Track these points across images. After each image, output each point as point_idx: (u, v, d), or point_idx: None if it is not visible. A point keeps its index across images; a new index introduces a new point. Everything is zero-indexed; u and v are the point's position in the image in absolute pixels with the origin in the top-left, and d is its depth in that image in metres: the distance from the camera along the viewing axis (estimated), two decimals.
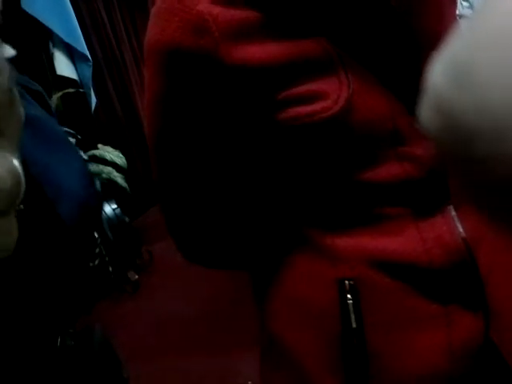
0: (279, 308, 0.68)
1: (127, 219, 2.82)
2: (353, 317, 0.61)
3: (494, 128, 0.21)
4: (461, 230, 0.64)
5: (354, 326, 0.60)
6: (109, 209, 2.77)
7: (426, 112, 0.25)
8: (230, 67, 0.58)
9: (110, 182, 2.93)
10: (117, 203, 2.98)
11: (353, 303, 0.61)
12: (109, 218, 2.71)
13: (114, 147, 3.19)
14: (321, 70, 0.59)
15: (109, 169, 2.96)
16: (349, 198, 0.63)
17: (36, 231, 0.76)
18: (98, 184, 2.76)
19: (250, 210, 0.70)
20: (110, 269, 2.79)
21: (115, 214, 2.74)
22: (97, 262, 2.44)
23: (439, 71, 0.24)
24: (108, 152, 3.04)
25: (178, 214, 0.69)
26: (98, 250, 2.48)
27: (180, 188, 0.67)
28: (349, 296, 0.61)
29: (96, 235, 2.51)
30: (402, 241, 0.62)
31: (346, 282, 0.61)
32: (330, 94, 0.58)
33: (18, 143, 0.26)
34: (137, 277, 3.16)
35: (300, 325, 0.66)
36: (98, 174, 2.83)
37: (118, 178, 3.07)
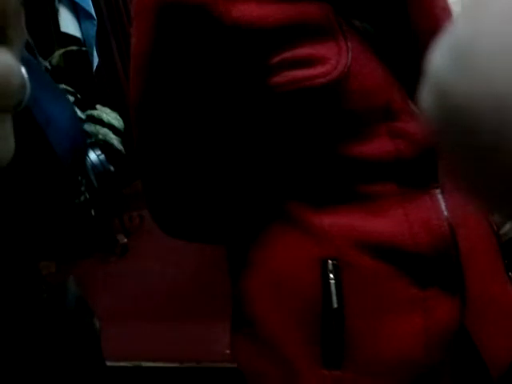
0: (258, 284, 0.67)
1: (112, 168, 2.76)
2: (334, 297, 0.60)
3: (496, 111, 0.20)
4: (446, 213, 0.63)
5: (335, 306, 0.60)
6: (93, 155, 2.69)
7: (427, 96, 0.24)
8: (228, 25, 0.56)
9: (105, 144, 2.92)
10: (112, 166, 2.96)
11: (335, 283, 0.60)
12: (93, 165, 2.65)
13: (113, 109, 3.18)
14: (320, 34, 0.58)
15: (105, 130, 2.95)
16: (337, 173, 0.61)
17: (27, 158, 0.73)
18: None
19: (232, 180, 0.68)
20: (93, 212, 2.76)
21: (100, 160, 2.69)
22: (82, 199, 2.41)
23: (440, 55, 0.24)
24: (106, 113, 3.03)
25: (157, 182, 0.67)
26: (83, 189, 2.46)
27: (161, 154, 0.64)
28: (331, 276, 0.60)
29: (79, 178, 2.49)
30: (388, 222, 0.61)
31: (330, 261, 0.60)
32: (329, 59, 0.57)
33: (21, 55, 0.27)
34: (126, 240, 3.18)
35: (279, 302, 0.65)
36: (94, 135, 2.82)
37: (114, 140, 3.06)
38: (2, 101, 0.27)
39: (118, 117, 3.11)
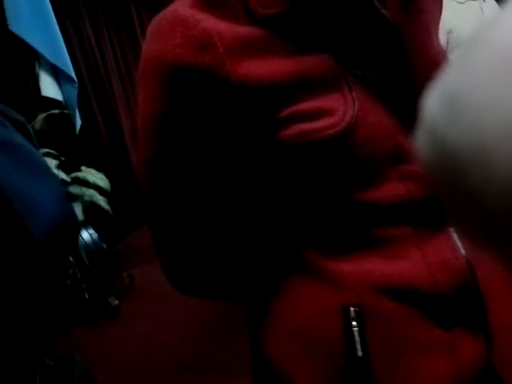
0: (277, 336, 0.65)
1: (105, 246, 2.76)
2: (358, 345, 0.59)
3: (483, 156, 0.21)
4: (463, 251, 0.63)
5: (359, 354, 0.59)
6: (86, 234, 2.72)
7: (422, 141, 0.25)
8: (235, 84, 0.57)
9: (92, 205, 2.90)
10: (98, 226, 2.93)
11: (358, 331, 0.59)
12: (86, 244, 2.66)
13: (98, 169, 3.17)
14: (326, 87, 0.58)
15: (91, 191, 2.93)
16: (350, 219, 0.61)
17: (5, 247, 0.75)
18: (79, 208, 2.72)
19: (246, 234, 0.68)
20: (87, 295, 2.72)
21: (92, 239, 2.69)
22: (69, 283, 2.37)
23: (433, 101, 0.24)
24: (91, 174, 3.01)
25: (169, 242, 0.66)
26: (71, 272, 2.42)
27: (172, 210, 0.64)
28: (354, 323, 0.59)
29: (71, 259, 2.46)
30: (406, 265, 0.61)
31: (352, 308, 0.59)
32: (336, 111, 0.57)
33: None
34: (117, 302, 3.11)
35: (300, 353, 0.63)
36: (80, 197, 2.79)
37: (101, 200, 3.04)
38: None
39: (104, 177, 3.10)
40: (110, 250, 3.44)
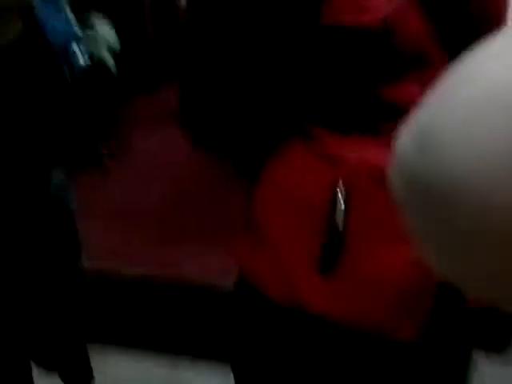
0: (268, 192, 0.71)
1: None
2: (340, 219, 0.64)
3: (453, 195, 0.22)
4: None
5: (339, 227, 0.64)
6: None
7: (394, 175, 0.26)
8: None
9: (98, 63, 3.38)
10: (102, 86, 3.34)
11: (344, 207, 0.64)
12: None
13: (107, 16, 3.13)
14: None
15: (100, 48, 3.37)
16: (364, 108, 0.64)
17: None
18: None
19: (264, 94, 0.69)
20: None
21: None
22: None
23: (406, 135, 0.25)
24: (102, 30, 3.34)
25: (194, 87, 0.70)
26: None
27: (206, 58, 0.67)
28: (341, 199, 0.64)
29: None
30: None
31: (342, 186, 0.64)
32: (376, 7, 0.60)
33: None
34: (107, 153, 3.19)
35: (288, 213, 0.69)
36: (90, 53, 3.21)
37: (108, 59, 3.39)
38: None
39: (115, 35, 3.22)
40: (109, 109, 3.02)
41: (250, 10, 0.62)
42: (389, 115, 0.63)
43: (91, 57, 2.63)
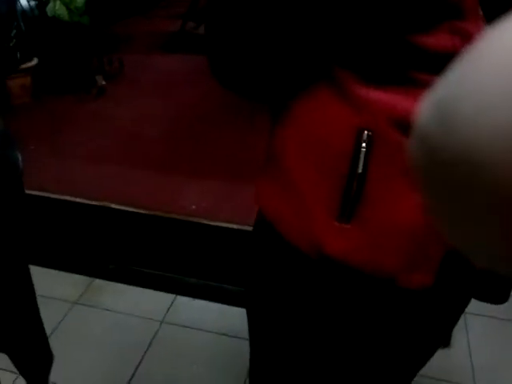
0: (291, 134, 0.70)
1: (37, 12, 2.73)
2: (361, 163, 0.64)
3: (470, 171, 0.22)
4: None
5: (359, 171, 0.64)
6: (24, 1, 2.60)
7: (414, 147, 0.26)
8: None
9: None
10: (93, 9, 3.17)
11: (365, 152, 0.64)
12: (23, 10, 2.51)
13: None
14: None
15: None
16: (393, 55, 0.64)
17: None
18: None
19: (292, 34, 0.67)
20: (18, 55, 2.78)
21: (30, 6, 2.59)
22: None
23: (426, 109, 0.25)
24: None
25: (221, 23, 0.68)
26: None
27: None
28: (363, 145, 0.64)
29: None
30: None
31: (365, 131, 0.64)
32: None
33: None
34: (104, 82, 3.13)
35: (310, 155, 0.68)
36: None
37: None
38: None
39: None
40: (102, 31, 3.24)
41: None
42: (418, 63, 0.63)
43: None
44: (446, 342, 0.82)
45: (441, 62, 0.61)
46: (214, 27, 0.69)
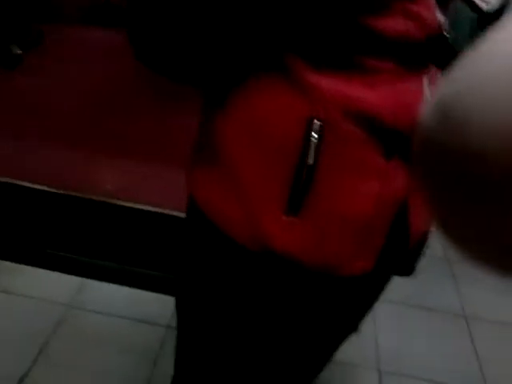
0: (237, 125, 0.67)
1: None
2: (312, 155, 0.62)
3: (476, 159, 0.22)
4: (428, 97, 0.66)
5: (310, 162, 0.63)
6: None
7: (417, 145, 0.26)
8: None
9: None
10: None
11: (316, 143, 0.62)
12: None
13: None
14: None
15: None
16: (343, 39, 0.62)
17: None
18: None
19: (233, 16, 0.63)
20: None
21: None
22: None
23: (429, 109, 0.26)
24: None
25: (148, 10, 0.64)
26: None
27: None
28: (314, 135, 0.62)
29: None
30: (377, 96, 0.63)
31: (316, 121, 0.62)
32: None
33: None
34: (20, 52, 2.96)
35: (257, 146, 0.66)
36: None
37: None
38: None
39: None
40: None
41: None
42: (371, 48, 0.62)
43: None
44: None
45: (394, 46, 0.61)
46: (135, 6, 0.65)
